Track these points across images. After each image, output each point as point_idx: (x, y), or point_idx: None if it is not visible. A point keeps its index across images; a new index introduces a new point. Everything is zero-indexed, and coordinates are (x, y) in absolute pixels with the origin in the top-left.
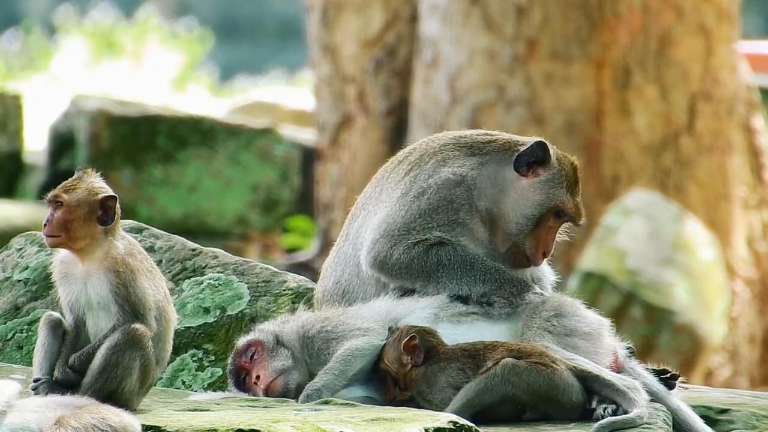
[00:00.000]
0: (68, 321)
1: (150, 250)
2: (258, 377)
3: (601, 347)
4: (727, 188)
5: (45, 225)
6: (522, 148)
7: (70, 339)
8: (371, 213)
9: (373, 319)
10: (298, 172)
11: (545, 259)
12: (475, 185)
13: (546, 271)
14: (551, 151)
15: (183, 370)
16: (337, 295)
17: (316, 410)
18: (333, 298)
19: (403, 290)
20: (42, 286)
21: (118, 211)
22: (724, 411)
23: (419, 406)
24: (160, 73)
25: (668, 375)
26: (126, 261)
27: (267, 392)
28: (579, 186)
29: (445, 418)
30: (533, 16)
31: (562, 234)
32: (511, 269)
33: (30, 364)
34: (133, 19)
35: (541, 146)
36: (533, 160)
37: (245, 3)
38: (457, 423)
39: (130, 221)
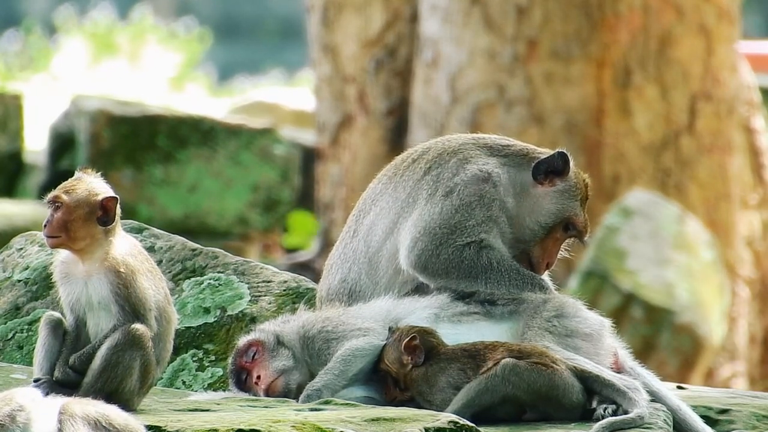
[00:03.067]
0: (69, 321)
1: (150, 250)
2: (259, 377)
3: (601, 348)
4: (727, 188)
5: (45, 225)
6: (540, 156)
7: (70, 339)
8: (386, 210)
9: (374, 319)
10: (299, 172)
11: (547, 271)
12: (501, 182)
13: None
14: (571, 163)
15: (183, 370)
16: (343, 293)
17: (316, 410)
18: (338, 296)
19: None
20: (42, 286)
21: (119, 211)
22: (724, 411)
23: (419, 406)
24: (158, 73)
25: None
26: (126, 261)
27: (268, 392)
28: (587, 203)
29: (445, 418)
30: (533, 16)
31: (564, 250)
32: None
33: (30, 364)
34: (132, 18)
35: (562, 156)
36: (552, 169)
37: (245, 3)
38: (457, 423)
39: (131, 221)
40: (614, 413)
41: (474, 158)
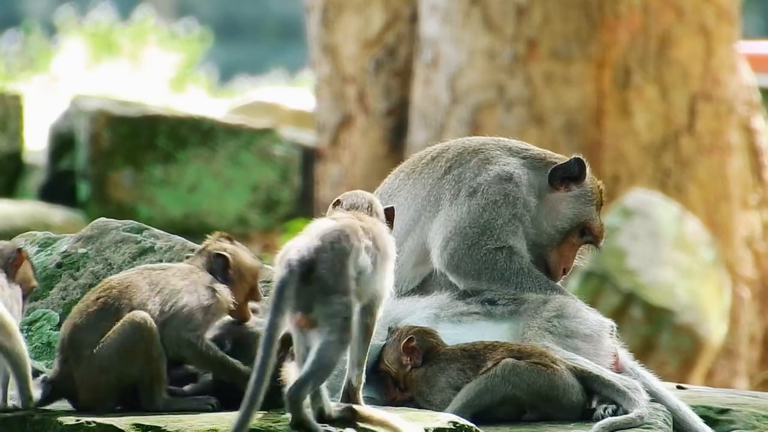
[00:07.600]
0: None
1: (150, 250)
2: None
3: (601, 349)
4: (727, 188)
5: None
6: (556, 161)
7: None
8: (405, 206)
9: None
10: (299, 173)
11: (564, 276)
12: (522, 182)
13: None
14: (587, 170)
15: None
16: None
17: None
18: None
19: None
20: (42, 286)
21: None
22: (724, 411)
23: (419, 407)
24: (159, 74)
25: None
26: None
27: None
28: (601, 209)
29: (445, 419)
30: (533, 16)
31: (578, 257)
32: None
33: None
34: (132, 19)
35: (578, 163)
36: (568, 175)
37: (245, 3)
38: (457, 423)
39: (131, 221)
40: (614, 413)
41: (495, 158)
